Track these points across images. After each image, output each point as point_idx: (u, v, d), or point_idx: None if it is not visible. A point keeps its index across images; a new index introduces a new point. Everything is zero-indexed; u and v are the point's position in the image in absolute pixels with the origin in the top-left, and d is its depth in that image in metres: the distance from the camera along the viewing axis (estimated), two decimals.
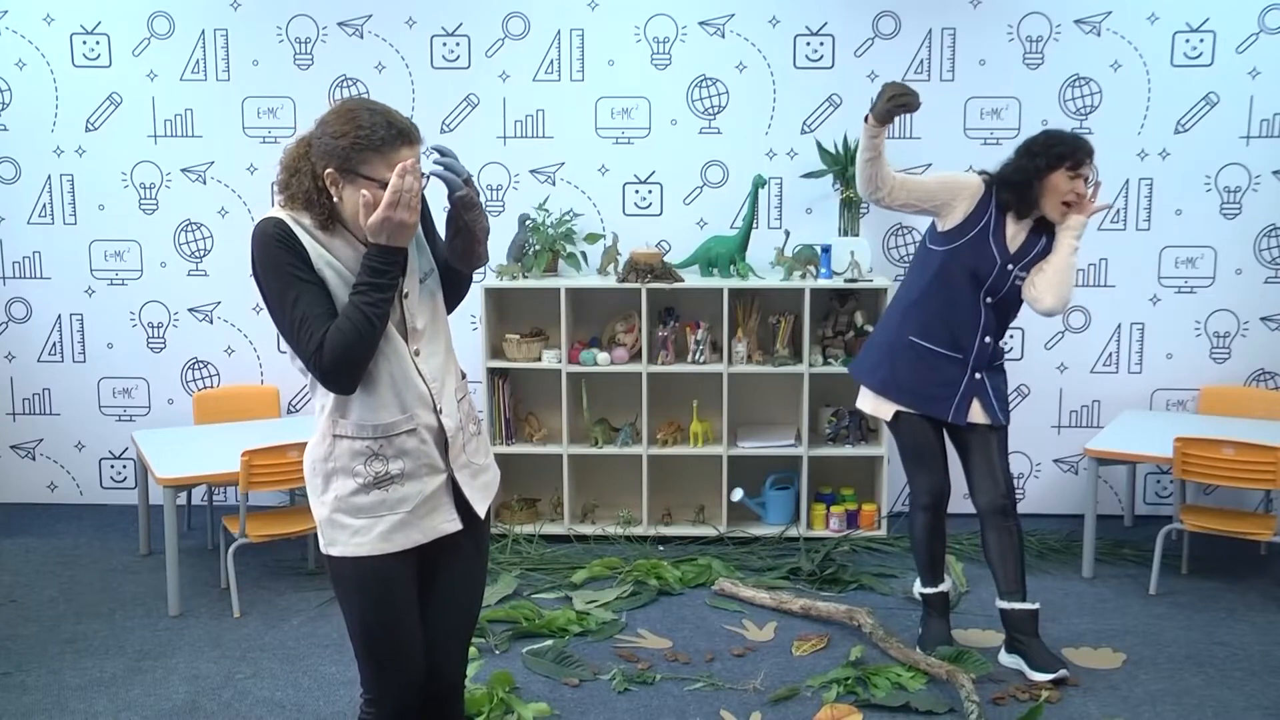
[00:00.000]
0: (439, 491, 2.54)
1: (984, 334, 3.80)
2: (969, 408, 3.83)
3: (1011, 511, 3.86)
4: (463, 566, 2.64)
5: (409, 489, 2.51)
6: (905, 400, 3.89)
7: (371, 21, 5.30)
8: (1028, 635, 3.87)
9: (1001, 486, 3.85)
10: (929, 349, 3.83)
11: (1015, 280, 3.76)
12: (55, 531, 5.38)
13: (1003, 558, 3.86)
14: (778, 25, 5.26)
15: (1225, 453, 4.32)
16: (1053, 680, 3.77)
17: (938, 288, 3.81)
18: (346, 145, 2.32)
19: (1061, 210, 3.70)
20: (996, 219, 3.75)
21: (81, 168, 5.48)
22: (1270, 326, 5.35)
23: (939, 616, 4.07)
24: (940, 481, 3.94)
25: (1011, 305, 3.85)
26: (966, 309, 3.79)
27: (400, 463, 2.49)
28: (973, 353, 3.81)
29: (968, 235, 3.75)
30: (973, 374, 3.83)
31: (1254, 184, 5.25)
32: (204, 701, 3.75)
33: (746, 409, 5.38)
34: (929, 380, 3.84)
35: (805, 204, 5.35)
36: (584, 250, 5.35)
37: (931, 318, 3.83)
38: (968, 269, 3.75)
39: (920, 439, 3.91)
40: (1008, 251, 3.74)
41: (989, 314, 3.80)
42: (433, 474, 2.53)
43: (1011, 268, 3.75)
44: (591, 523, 5.30)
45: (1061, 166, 3.64)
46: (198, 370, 5.60)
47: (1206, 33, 5.17)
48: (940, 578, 4.06)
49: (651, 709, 3.69)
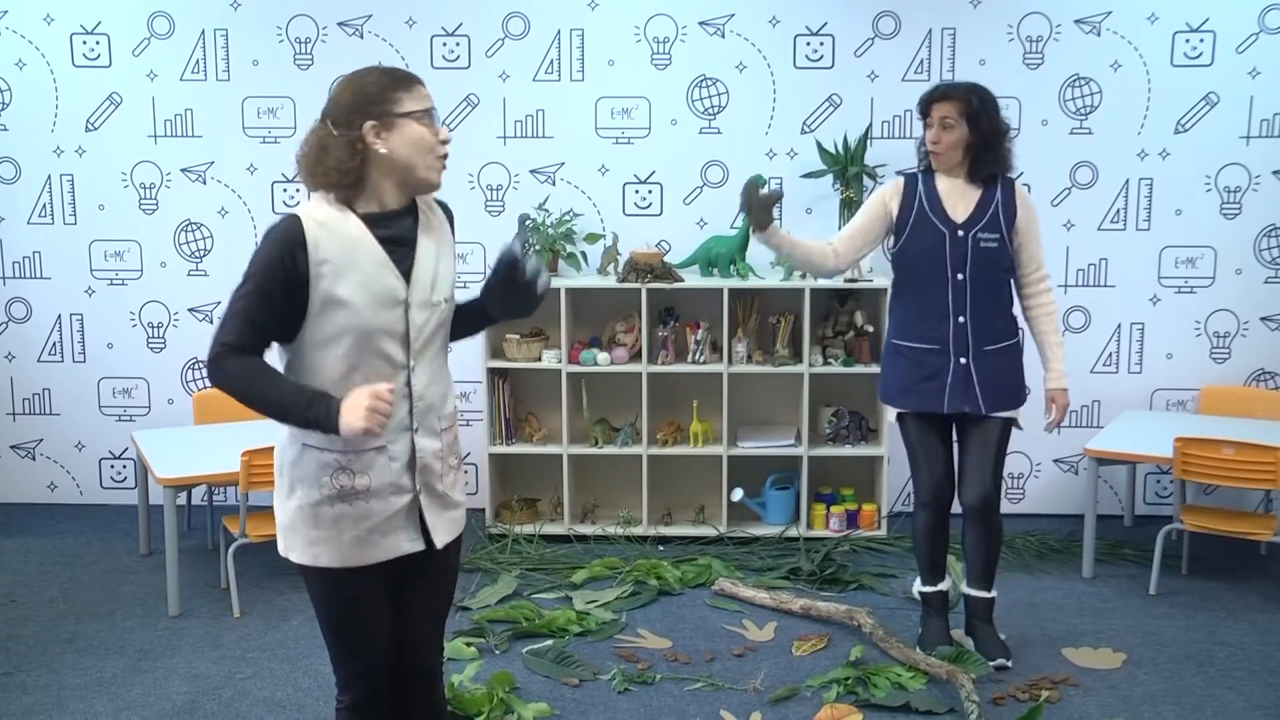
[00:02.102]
0: (403, 512, 2.52)
1: (955, 314, 3.77)
2: (961, 398, 3.80)
3: (992, 512, 3.88)
4: (435, 564, 2.62)
5: (374, 506, 2.48)
6: (900, 401, 3.92)
7: (371, 21, 5.30)
8: (981, 621, 4.00)
9: (987, 486, 3.84)
10: (909, 347, 3.86)
11: (980, 244, 3.74)
12: (55, 531, 5.38)
13: (974, 551, 3.95)
14: (778, 25, 5.27)
15: (1225, 453, 4.32)
16: (994, 668, 3.86)
17: (902, 286, 3.90)
18: (375, 92, 2.41)
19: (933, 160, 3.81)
20: (929, 193, 3.79)
21: (81, 168, 5.47)
22: (1270, 326, 5.35)
23: (938, 616, 4.07)
24: (940, 479, 3.91)
25: (990, 278, 3.78)
26: (935, 293, 3.78)
27: (366, 479, 2.47)
28: (949, 338, 3.78)
29: (909, 223, 3.80)
30: (957, 360, 3.78)
31: (1254, 184, 5.25)
32: (204, 701, 3.75)
33: (746, 409, 5.38)
34: (915, 376, 3.85)
35: (805, 204, 5.35)
36: (584, 250, 5.35)
37: (904, 316, 3.89)
38: (921, 252, 3.79)
39: (919, 436, 3.90)
40: (952, 220, 3.76)
41: (961, 292, 3.76)
42: (399, 494, 2.51)
43: (964, 234, 3.74)
44: (591, 523, 5.30)
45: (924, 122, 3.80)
46: (198, 370, 5.60)
47: (1206, 33, 5.17)
48: (940, 577, 4.05)
49: (651, 709, 3.69)
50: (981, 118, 3.73)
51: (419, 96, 2.45)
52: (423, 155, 2.43)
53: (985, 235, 3.75)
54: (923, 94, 3.82)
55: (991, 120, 3.75)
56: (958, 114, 3.72)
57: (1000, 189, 3.79)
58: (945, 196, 3.79)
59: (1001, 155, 3.79)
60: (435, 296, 2.50)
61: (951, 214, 3.77)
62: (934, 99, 3.76)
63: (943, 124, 3.73)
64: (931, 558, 4.01)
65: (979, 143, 3.74)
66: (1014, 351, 3.88)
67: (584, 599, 4.49)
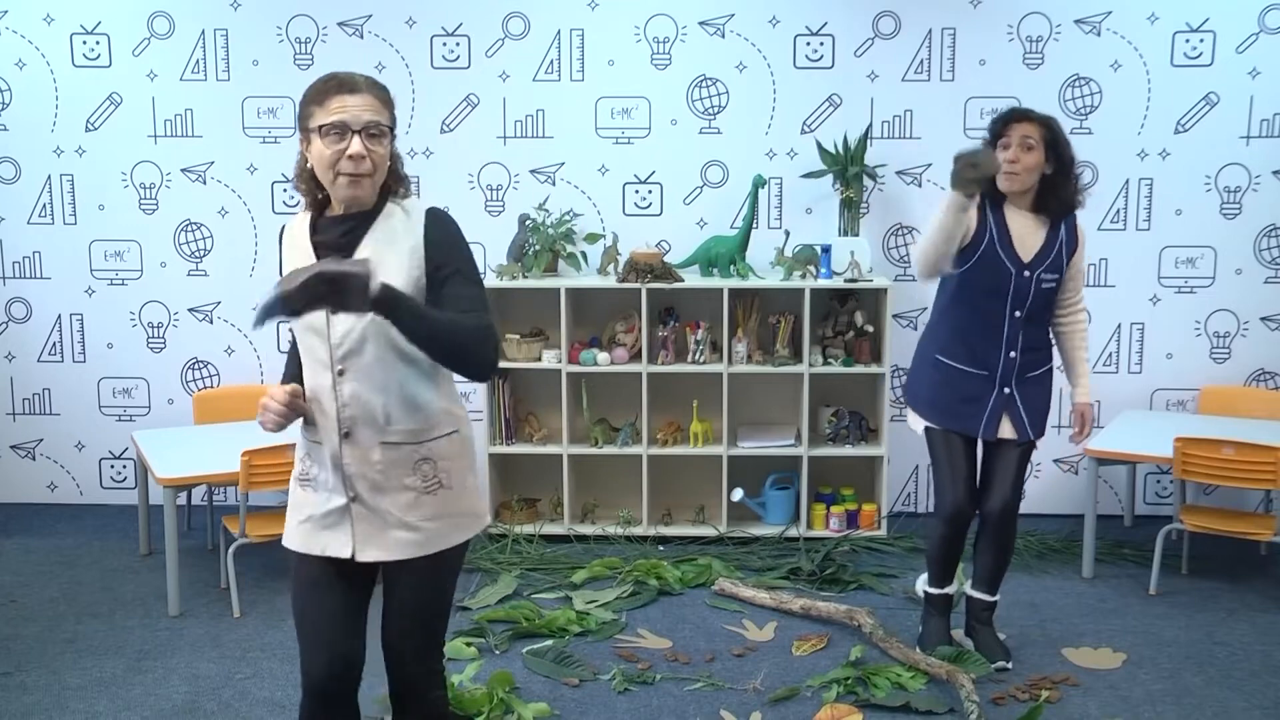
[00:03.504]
0: (337, 513, 2.54)
1: (1008, 349, 3.73)
2: (999, 424, 3.78)
3: (1010, 521, 3.87)
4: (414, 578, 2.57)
5: (318, 498, 2.55)
6: (934, 417, 3.86)
7: (371, 21, 5.30)
8: (981, 623, 4.01)
9: (1007, 499, 3.83)
10: (953, 367, 3.80)
11: (1041, 285, 3.69)
12: (55, 531, 5.38)
13: (985, 557, 3.95)
14: (778, 25, 5.27)
15: (1225, 453, 4.32)
16: (994, 669, 3.86)
17: (957, 307, 3.77)
18: (302, 106, 2.45)
19: (1005, 181, 3.63)
20: (998, 228, 3.68)
21: (81, 168, 5.48)
22: (1270, 326, 5.35)
23: (939, 615, 4.06)
24: (962, 501, 3.83)
25: (1042, 314, 3.76)
26: (990, 326, 3.73)
27: (316, 469, 2.55)
28: (999, 369, 3.74)
29: (978, 252, 3.67)
30: (1001, 389, 3.76)
31: (1254, 184, 5.25)
32: (204, 701, 3.75)
33: (746, 409, 5.38)
34: (955, 397, 3.81)
35: (805, 204, 5.35)
36: (584, 250, 5.35)
37: (953, 336, 3.80)
38: (985, 285, 3.69)
39: (945, 454, 3.85)
40: (1020, 259, 3.67)
41: (1016, 328, 3.72)
42: (334, 494, 2.53)
43: (1029, 274, 3.67)
44: (591, 523, 5.30)
45: (997, 143, 3.65)
46: (198, 370, 5.60)
47: (1206, 33, 5.17)
48: (949, 581, 4.01)
49: (651, 709, 3.69)
50: (1061, 145, 3.62)
51: (331, 110, 2.38)
52: (324, 171, 2.42)
53: (1047, 276, 3.69)
54: (999, 113, 3.68)
55: (1069, 151, 3.65)
56: (1039, 137, 3.59)
57: (1064, 225, 3.71)
58: (1014, 232, 3.68)
59: (1072, 190, 3.68)
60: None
61: (1020, 252, 3.67)
62: (1014, 119, 3.62)
63: (1024, 144, 3.58)
64: (944, 566, 3.98)
65: (1056, 171, 3.63)
66: (1049, 377, 3.85)
67: (584, 599, 4.49)
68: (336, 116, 2.37)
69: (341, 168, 2.39)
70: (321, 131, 2.38)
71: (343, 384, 2.46)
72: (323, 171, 2.42)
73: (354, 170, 2.39)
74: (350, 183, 2.40)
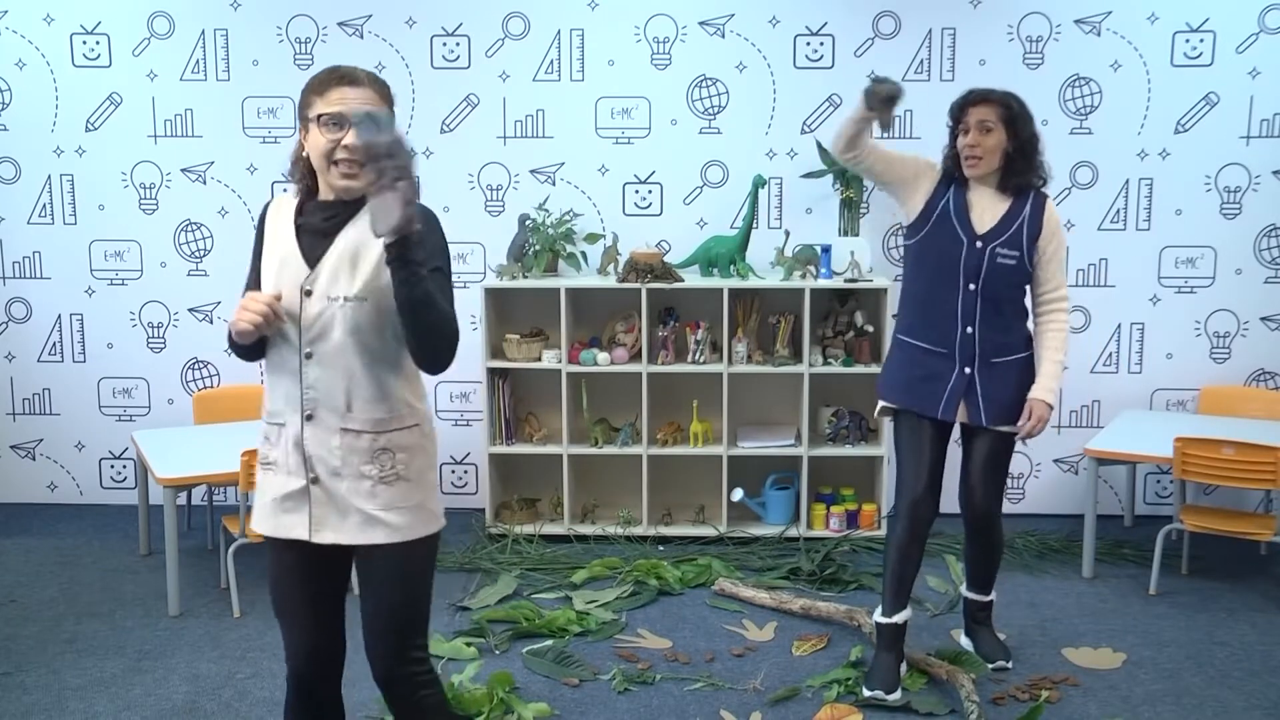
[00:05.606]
0: (297, 495, 2.55)
1: (964, 324, 3.65)
2: (957, 406, 3.69)
3: (994, 524, 3.81)
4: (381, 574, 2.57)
5: (277, 481, 2.58)
6: (894, 396, 3.79)
7: (371, 21, 5.30)
8: (979, 624, 3.99)
9: (989, 499, 3.76)
10: (915, 345, 3.74)
11: (998, 260, 3.61)
12: (55, 531, 5.38)
13: (974, 560, 3.93)
14: (778, 25, 5.27)
15: (1225, 453, 4.32)
16: (994, 669, 3.85)
17: (915, 282, 3.74)
18: (303, 95, 2.50)
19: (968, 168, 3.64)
20: (957, 198, 3.66)
21: (81, 168, 5.48)
22: (1270, 326, 5.36)
23: (888, 651, 3.73)
24: (919, 493, 3.67)
25: (1004, 293, 3.66)
26: (945, 300, 3.66)
27: (277, 452, 2.58)
28: (956, 346, 3.66)
29: (931, 219, 3.66)
30: (962, 369, 3.67)
31: (1254, 184, 5.25)
32: (204, 701, 3.75)
33: (746, 409, 5.38)
34: (916, 375, 3.73)
35: (805, 204, 5.35)
36: (584, 250, 5.35)
37: (913, 311, 3.76)
38: (938, 255, 3.65)
39: (908, 438, 3.74)
40: (974, 231, 3.63)
41: (972, 301, 3.63)
42: (294, 475, 2.55)
43: (983, 245, 3.61)
44: (591, 523, 5.30)
45: (958, 128, 3.64)
46: (198, 370, 5.60)
47: (1206, 33, 5.17)
48: (901, 606, 3.73)
49: (651, 709, 3.69)
50: (1020, 123, 3.59)
51: (331, 100, 2.43)
52: (320, 160, 2.47)
53: (1004, 251, 3.61)
54: (956, 99, 3.65)
55: (1029, 127, 3.61)
56: (997, 118, 3.57)
57: (1030, 204, 3.65)
58: (973, 204, 3.65)
59: (1035, 165, 3.65)
60: (334, 291, 2.46)
61: (975, 223, 3.63)
62: (971, 102, 3.60)
63: (981, 127, 3.56)
64: (898, 579, 3.72)
65: (1015, 150, 3.60)
66: (1022, 366, 3.72)
67: (584, 599, 4.49)
68: (335, 107, 2.43)
69: (337, 157, 2.44)
70: (320, 121, 2.44)
71: (309, 367, 2.50)
72: (318, 160, 2.47)
73: (349, 160, 2.43)
74: (345, 173, 2.45)
